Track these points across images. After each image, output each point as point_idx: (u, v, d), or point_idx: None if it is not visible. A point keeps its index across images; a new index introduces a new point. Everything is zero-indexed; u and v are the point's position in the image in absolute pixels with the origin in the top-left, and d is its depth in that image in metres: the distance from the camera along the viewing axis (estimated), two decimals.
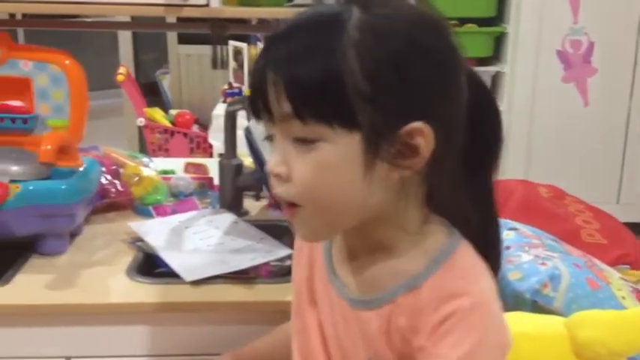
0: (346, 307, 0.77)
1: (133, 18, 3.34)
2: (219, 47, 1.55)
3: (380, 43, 0.66)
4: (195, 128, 3.15)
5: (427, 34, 0.69)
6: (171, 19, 2.56)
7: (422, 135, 0.67)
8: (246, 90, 3.23)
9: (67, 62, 1.33)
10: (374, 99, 0.66)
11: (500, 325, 0.70)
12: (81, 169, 1.31)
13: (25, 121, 1.32)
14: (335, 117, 0.66)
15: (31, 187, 1.22)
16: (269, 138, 0.73)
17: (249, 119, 1.31)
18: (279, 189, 0.71)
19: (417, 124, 0.67)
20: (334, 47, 0.66)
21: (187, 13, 1.34)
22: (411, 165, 0.69)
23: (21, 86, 1.33)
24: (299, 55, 0.67)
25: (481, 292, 0.69)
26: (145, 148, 3.25)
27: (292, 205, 0.71)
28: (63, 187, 1.24)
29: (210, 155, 2.76)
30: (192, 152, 3.06)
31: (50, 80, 1.33)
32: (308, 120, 0.67)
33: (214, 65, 1.57)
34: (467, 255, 0.73)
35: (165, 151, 3.09)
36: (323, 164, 0.68)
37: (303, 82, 0.66)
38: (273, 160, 0.71)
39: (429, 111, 0.68)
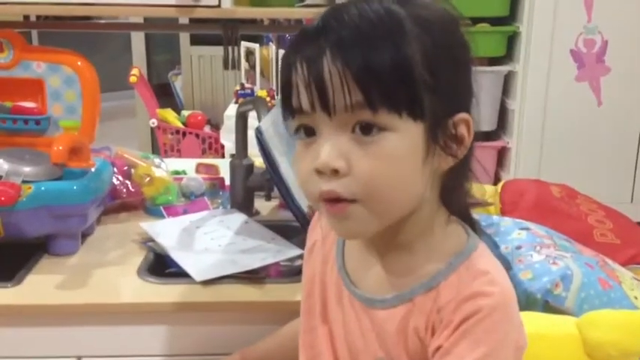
0: (359, 306, 0.77)
1: (145, 19, 3.36)
2: (230, 48, 1.55)
3: (433, 36, 0.68)
4: (207, 129, 3.16)
5: (460, 31, 0.72)
6: (183, 20, 2.57)
7: (467, 125, 0.70)
8: (258, 91, 3.24)
9: (79, 63, 1.34)
10: (435, 88, 0.67)
11: (518, 327, 0.70)
12: (93, 169, 1.32)
13: (37, 122, 1.33)
14: (405, 105, 0.66)
15: (43, 188, 1.23)
16: (308, 131, 0.70)
17: (260, 119, 1.31)
18: (335, 184, 0.67)
19: (464, 115, 0.70)
20: (401, 36, 0.66)
21: (199, 14, 1.34)
22: (457, 154, 0.70)
23: (34, 87, 1.34)
24: (371, 42, 0.66)
25: (500, 293, 0.68)
26: (157, 148, 3.26)
27: (345, 201, 0.68)
28: (75, 187, 1.25)
29: (222, 156, 2.76)
30: (204, 153, 3.07)
31: (63, 81, 1.34)
32: (380, 108, 0.66)
33: (226, 66, 1.56)
34: (485, 256, 0.73)
35: (177, 152, 3.10)
36: (390, 155, 0.67)
37: (379, 68, 0.65)
38: (328, 154, 0.67)
39: (468, 103, 0.71)
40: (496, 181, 2.83)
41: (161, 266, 1.28)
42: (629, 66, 3.09)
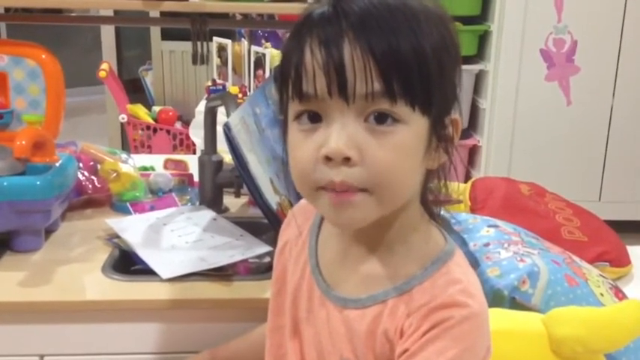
0: (331, 307, 0.76)
1: (115, 12, 3.32)
2: (200, 43, 1.53)
3: (440, 31, 0.68)
4: (178, 125, 3.13)
5: (454, 30, 0.72)
6: (154, 13, 2.54)
7: (457, 125, 0.71)
8: (230, 87, 3.21)
9: (43, 56, 1.32)
10: (441, 83, 0.67)
11: (486, 339, 0.70)
12: (57, 164, 1.29)
13: (0, 116, 1.30)
14: (420, 98, 0.66)
15: (5, 183, 1.20)
16: (313, 118, 0.67)
17: (228, 115, 1.30)
18: (345, 174, 0.65)
19: (456, 115, 0.71)
20: (418, 26, 0.66)
21: (167, 7, 1.33)
22: (448, 152, 0.71)
23: None
24: (394, 29, 0.65)
25: (473, 305, 0.68)
26: (127, 145, 3.23)
27: (354, 190, 0.66)
28: (38, 182, 1.22)
29: (194, 152, 2.74)
30: (175, 149, 3.05)
31: (26, 75, 1.31)
32: (399, 99, 0.65)
33: (194, 61, 1.54)
34: (461, 265, 0.73)
35: (147, 148, 3.07)
36: (402, 147, 0.66)
37: (402, 57, 0.64)
38: (341, 142, 0.65)
39: (455, 103, 0.72)
40: (467, 179, 2.84)
41: (127, 263, 1.26)
42: (598, 66, 3.14)
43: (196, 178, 1.54)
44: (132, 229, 1.32)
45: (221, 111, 1.44)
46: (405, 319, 0.69)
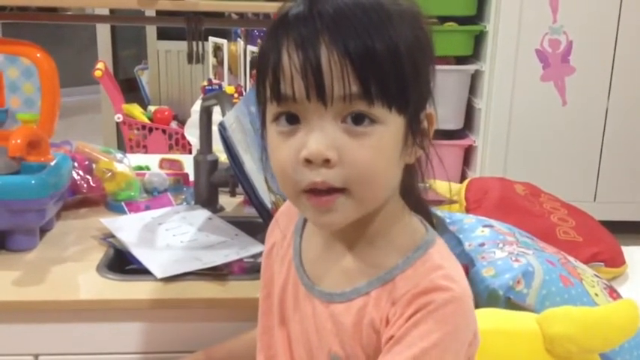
0: (317, 302, 0.76)
1: (111, 12, 3.31)
2: (195, 42, 1.53)
3: (413, 29, 0.69)
4: (173, 125, 3.12)
5: (427, 26, 0.72)
6: (150, 12, 2.54)
7: (431, 119, 0.72)
8: (226, 87, 3.21)
9: (38, 55, 1.31)
10: (416, 83, 0.68)
11: (471, 323, 0.71)
12: (52, 164, 1.29)
13: None
14: (397, 99, 0.67)
15: None
16: (291, 119, 0.68)
17: (224, 114, 1.30)
18: (325, 174, 0.66)
19: (430, 109, 0.72)
20: (392, 27, 0.66)
21: (161, 5, 1.33)
22: (424, 147, 0.72)
23: None
24: (369, 31, 0.65)
25: (455, 289, 0.69)
26: (123, 144, 3.22)
27: (332, 193, 0.67)
28: (32, 182, 1.22)
29: (190, 152, 2.74)
30: (170, 149, 3.04)
31: (21, 73, 1.31)
32: (376, 101, 0.66)
33: (190, 60, 1.54)
34: (442, 252, 0.74)
35: (143, 148, 3.06)
36: (380, 146, 0.67)
37: (379, 59, 0.65)
38: (320, 144, 0.65)
39: (431, 97, 0.72)
40: (462, 179, 2.85)
41: (121, 263, 1.26)
42: (593, 66, 3.14)
43: (191, 178, 1.54)
44: (127, 228, 1.32)
45: (217, 110, 1.44)
46: (389, 307, 0.70)
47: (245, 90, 3.07)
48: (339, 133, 0.66)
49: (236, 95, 2.85)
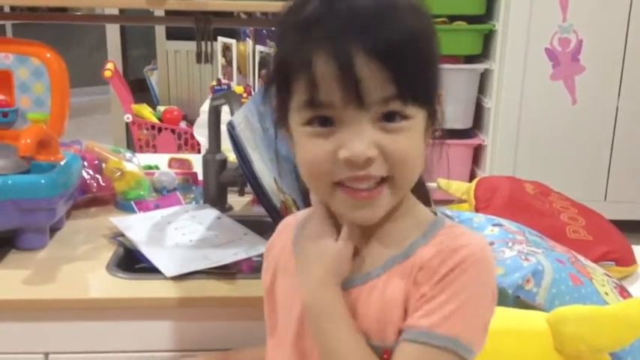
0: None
1: (120, 12, 3.33)
2: (204, 42, 1.53)
3: (431, 28, 0.73)
4: (183, 125, 3.13)
5: (427, 12, 0.74)
6: (159, 12, 2.55)
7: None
8: (235, 86, 3.21)
9: (48, 55, 1.32)
10: (436, 75, 0.73)
11: (494, 280, 0.74)
12: (62, 163, 1.29)
13: (5, 114, 1.31)
14: (423, 96, 0.71)
15: (10, 182, 1.20)
16: (324, 122, 0.70)
17: (232, 114, 1.30)
18: (369, 169, 0.69)
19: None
20: (424, 30, 0.71)
21: (170, 5, 1.33)
22: (437, 130, 0.75)
23: (1, 79, 1.32)
24: (403, 42, 0.68)
25: (481, 247, 0.72)
26: (132, 144, 3.23)
27: (381, 183, 0.70)
28: (42, 181, 1.22)
29: (199, 152, 2.74)
30: (179, 149, 3.05)
31: (31, 73, 1.31)
32: (409, 100, 0.69)
33: (199, 60, 1.55)
34: (456, 224, 0.77)
35: (152, 148, 3.07)
36: (413, 137, 0.71)
37: (412, 65, 0.68)
38: (362, 145, 0.68)
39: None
40: (472, 178, 2.84)
41: (131, 261, 1.26)
42: (603, 65, 3.13)
43: (200, 177, 1.54)
44: (136, 227, 1.32)
45: (225, 110, 1.44)
46: (416, 272, 0.71)
47: (254, 89, 3.07)
48: (377, 131, 0.69)
49: (245, 95, 2.86)
